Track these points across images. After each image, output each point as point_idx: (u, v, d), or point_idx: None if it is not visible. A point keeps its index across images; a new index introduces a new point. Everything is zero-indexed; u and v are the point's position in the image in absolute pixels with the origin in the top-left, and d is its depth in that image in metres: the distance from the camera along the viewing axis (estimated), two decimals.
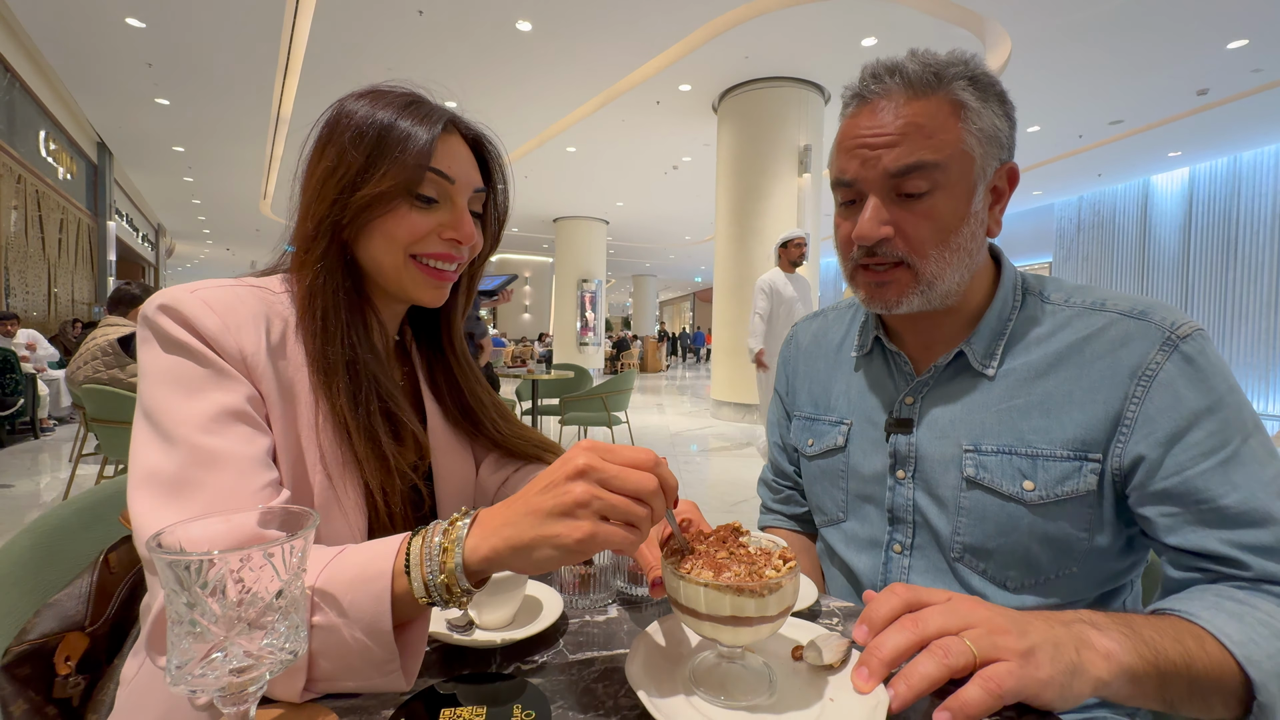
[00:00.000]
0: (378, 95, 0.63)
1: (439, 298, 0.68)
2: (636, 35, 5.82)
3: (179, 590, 0.35)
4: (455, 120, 0.66)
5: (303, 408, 0.59)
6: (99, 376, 2.77)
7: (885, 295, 0.67)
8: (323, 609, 0.45)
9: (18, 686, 0.65)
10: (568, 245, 14.47)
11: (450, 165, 0.63)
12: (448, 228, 0.64)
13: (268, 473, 0.53)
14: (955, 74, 0.62)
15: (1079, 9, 5.17)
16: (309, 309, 0.61)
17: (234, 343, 0.55)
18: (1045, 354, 0.66)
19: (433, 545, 0.45)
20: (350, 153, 0.60)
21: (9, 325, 5.77)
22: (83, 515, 0.81)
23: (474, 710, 0.46)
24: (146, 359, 0.55)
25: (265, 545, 0.36)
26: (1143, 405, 0.60)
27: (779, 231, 6.93)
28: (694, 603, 0.45)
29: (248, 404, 0.55)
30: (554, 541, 0.42)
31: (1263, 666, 0.48)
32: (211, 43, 6.09)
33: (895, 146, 0.61)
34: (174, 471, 0.49)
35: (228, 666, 0.36)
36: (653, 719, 0.45)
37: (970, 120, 0.62)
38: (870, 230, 0.63)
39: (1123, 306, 0.65)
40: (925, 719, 0.46)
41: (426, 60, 6.37)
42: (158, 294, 0.56)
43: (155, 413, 0.52)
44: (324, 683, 0.46)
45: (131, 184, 11.90)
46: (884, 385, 0.76)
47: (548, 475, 0.45)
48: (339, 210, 0.61)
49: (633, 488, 0.43)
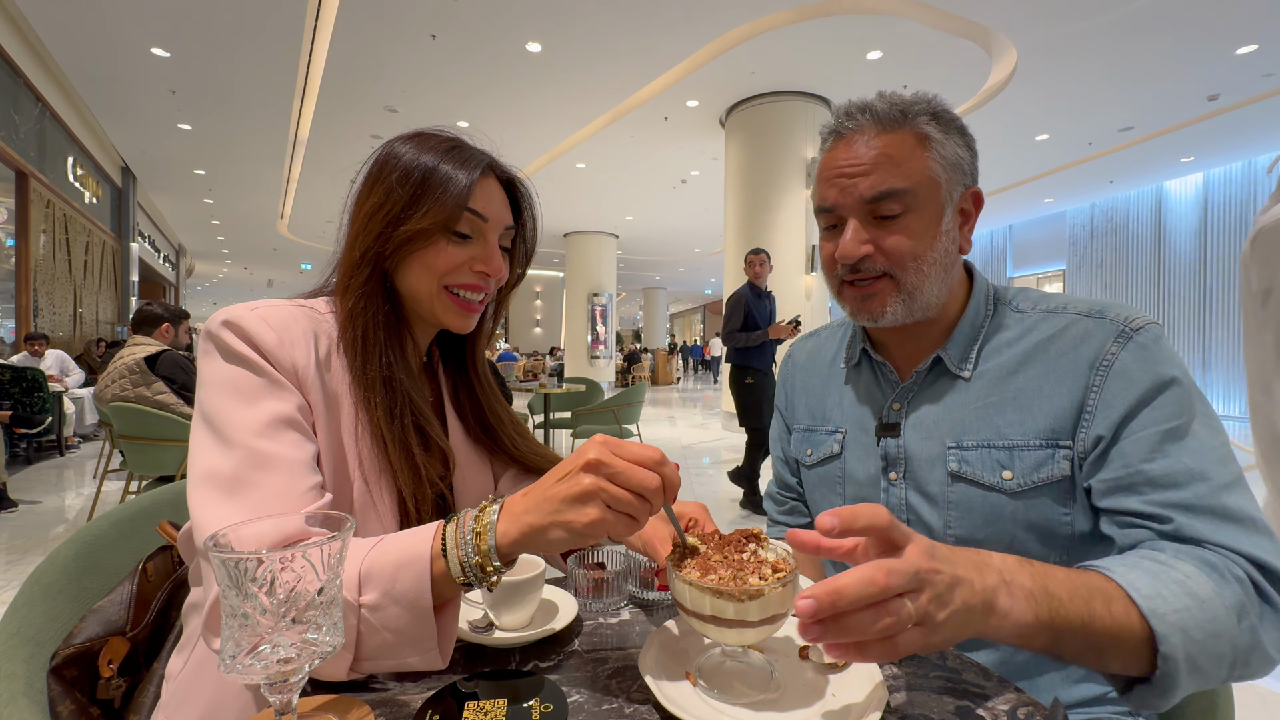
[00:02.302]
0: (424, 139, 0.69)
1: (467, 326, 0.74)
2: (644, 54, 5.92)
3: (231, 586, 0.39)
4: (493, 164, 0.72)
5: (344, 418, 0.65)
6: (126, 394, 2.85)
7: (871, 306, 0.73)
8: (370, 589, 0.50)
9: (65, 688, 0.69)
10: (578, 259, 14.59)
11: (485, 206, 0.69)
12: (479, 261, 0.70)
13: (314, 476, 0.58)
14: (919, 110, 0.70)
15: (1085, 17, 5.19)
16: (351, 329, 0.67)
17: (288, 356, 0.61)
18: (1015, 354, 0.72)
19: (466, 530, 0.51)
20: (397, 191, 0.66)
21: (38, 345, 5.94)
22: (120, 527, 0.85)
23: (496, 704, 0.49)
24: (207, 369, 0.60)
25: (306, 545, 0.40)
26: (1101, 393, 0.65)
27: (787, 244, 6.98)
28: (682, 598, 0.49)
29: (298, 413, 0.60)
30: (566, 526, 0.48)
31: (1166, 619, 0.49)
32: (232, 70, 6.29)
33: (869, 175, 0.68)
34: (231, 472, 0.54)
35: (275, 657, 0.40)
36: (664, 710, 0.47)
37: (934, 150, 0.69)
38: (852, 249, 0.70)
39: (1082, 308, 0.71)
40: (933, 697, 0.48)
41: (440, 82, 6.52)
42: (221, 311, 0.62)
43: (214, 417, 0.57)
44: (369, 662, 0.51)
45: (154, 206, 12.23)
46: (873, 394, 0.81)
47: (564, 466, 0.51)
48: (382, 243, 0.67)
49: (636, 483, 0.47)
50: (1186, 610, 0.50)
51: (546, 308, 18.32)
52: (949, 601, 0.43)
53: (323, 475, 0.61)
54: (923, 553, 0.43)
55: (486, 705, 0.49)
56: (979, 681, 0.53)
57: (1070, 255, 11.94)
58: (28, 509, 3.87)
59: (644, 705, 0.49)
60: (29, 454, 5.49)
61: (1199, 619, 0.50)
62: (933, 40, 5.62)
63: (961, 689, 0.52)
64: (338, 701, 0.48)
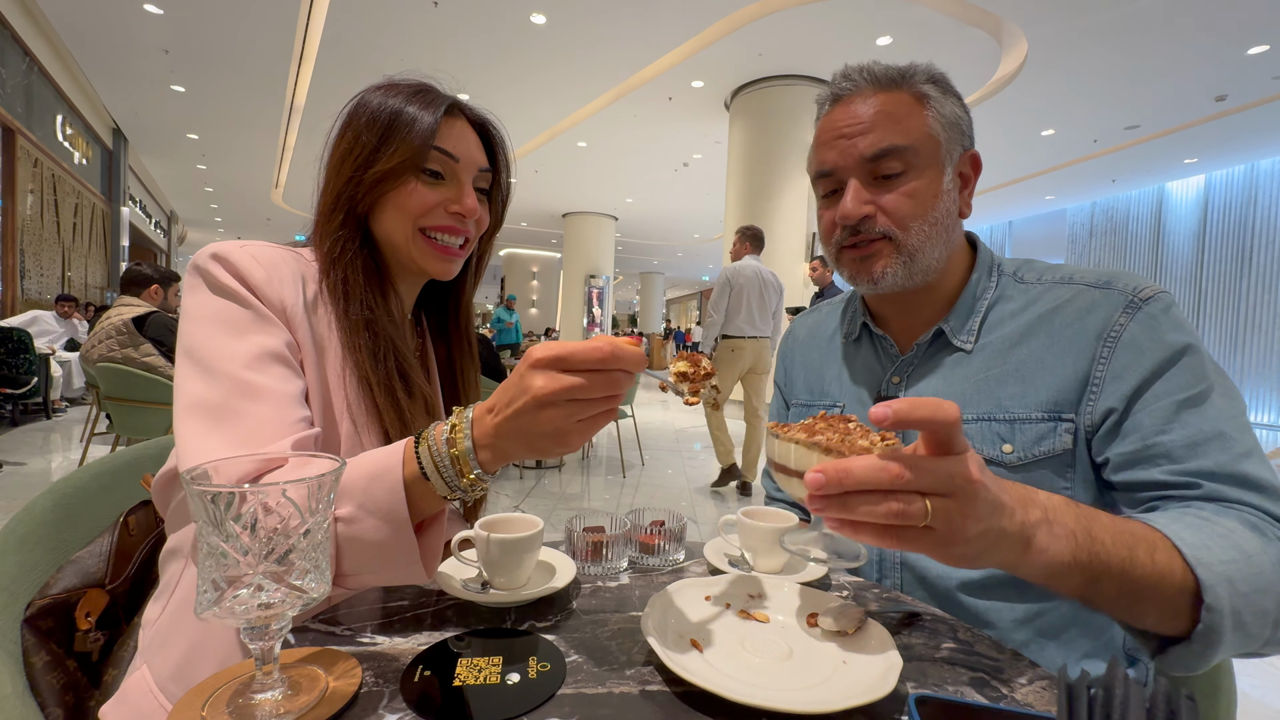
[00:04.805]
0: (391, 86, 0.70)
1: (448, 270, 0.73)
2: (651, 30, 5.81)
3: (209, 522, 0.36)
4: (460, 105, 0.72)
5: (331, 361, 0.65)
6: (113, 355, 2.80)
7: (871, 267, 0.71)
8: (344, 503, 0.49)
9: (40, 639, 0.66)
10: (576, 240, 14.48)
11: (454, 145, 0.69)
12: (452, 201, 0.69)
13: (302, 409, 0.57)
14: (916, 72, 0.70)
15: (1098, 11, 5.13)
16: (331, 273, 0.67)
17: (276, 294, 0.61)
18: (1018, 326, 0.70)
19: (439, 435, 0.48)
20: (365, 135, 0.66)
21: (66, 307, 5.80)
22: (102, 479, 0.82)
23: (490, 661, 0.47)
24: (193, 302, 0.59)
25: (291, 483, 0.37)
26: (1109, 364, 0.63)
27: (789, 230, 6.94)
28: (786, 460, 0.46)
29: (286, 349, 0.59)
30: (547, 453, 0.47)
31: (1213, 569, 0.48)
32: (228, 30, 6.12)
33: (869, 133, 0.67)
34: (219, 401, 0.53)
35: (255, 601, 0.37)
36: (668, 673, 0.45)
37: (934, 108, 0.68)
38: (854, 209, 0.68)
39: (1089, 279, 0.69)
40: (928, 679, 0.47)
41: (440, 51, 6.39)
42: (210, 245, 0.61)
43: (200, 349, 0.56)
44: (352, 578, 0.51)
45: (146, 170, 11.99)
46: (872, 367, 0.80)
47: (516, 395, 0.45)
48: (354, 187, 0.67)
49: (602, 392, 0.44)
50: (1233, 562, 0.48)
51: (543, 288, 18.19)
52: (982, 518, 0.41)
53: (311, 413, 0.60)
54: (972, 463, 0.40)
55: (480, 662, 0.47)
56: (992, 654, 0.52)
57: (1069, 253, 11.94)
58: (12, 470, 3.82)
59: (645, 667, 0.47)
60: (14, 416, 5.43)
61: (1246, 572, 0.48)
62: (944, 27, 5.54)
63: (975, 661, 0.50)
64: (323, 654, 0.46)
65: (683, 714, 0.41)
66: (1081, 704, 0.29)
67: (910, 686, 0.46)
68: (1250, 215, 8.93)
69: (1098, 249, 11.35)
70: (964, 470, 0.39)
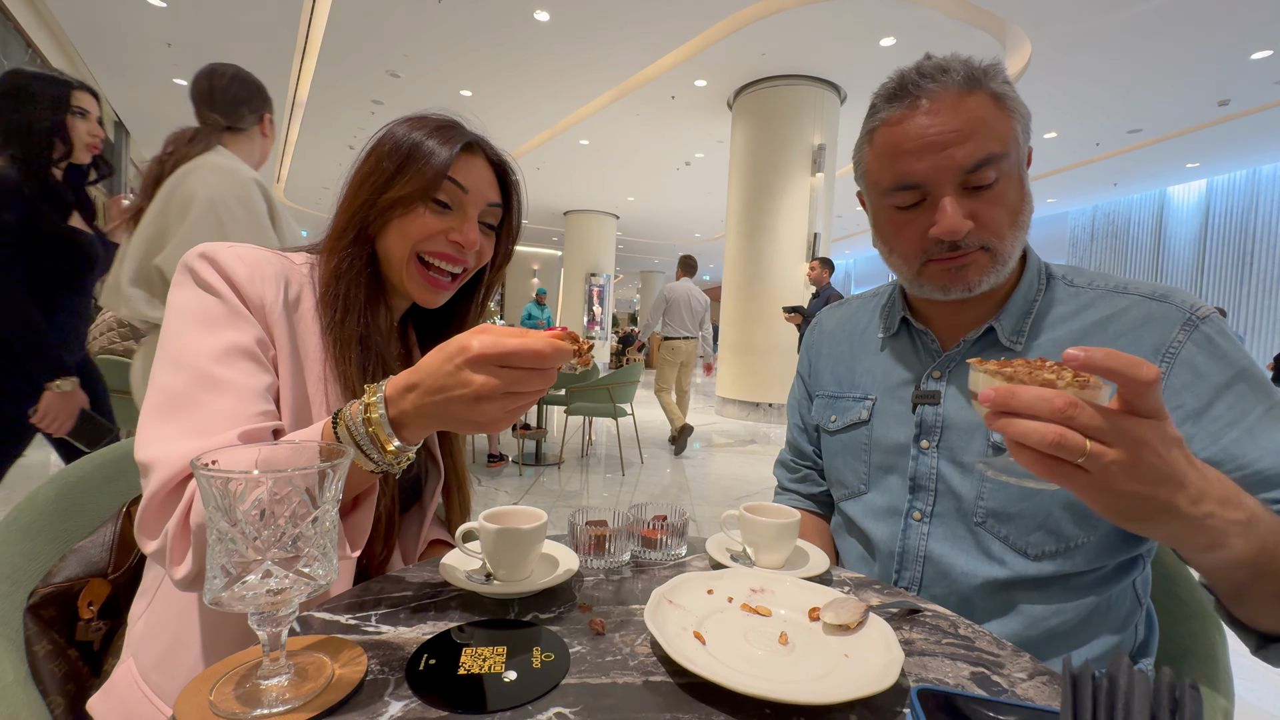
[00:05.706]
0: (420, 120, 0.73)
1: (432, 300, 0.75)
2: (654, 28, 5.80)
3: (218, 510, 0.36)
4: (480, 143, 0.74)
5: (311, 363, 0.67)
6: (114, 348, 2.79)
7: (967, 276, 0.68)
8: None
9: (42, 627, 0.67)
10: (577, 238, 14.47)
11: (465, 176, 0.71)
12: (454, 231, 0.71)
13: (264, 404, 0.59)
14: (989, 70, 0.66)
15: (1103, 13, 5.13)
16: (334, 285, 0.69)
17: (257, 292, 0.63)
18: (1070, 331, 0.70)
19: (355, 411, 0.52)
20: (385, 162, 0.69)
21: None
22: (105, 469, 0.82)
23: (494, 651, 0.47)
24: (177, 297, 0.61)
25: (301, 470, 0.37)
26: (1166, 381, 0.62)
27: (790, 230, 6.94)
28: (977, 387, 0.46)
29: (256, 345, 0.61)
30: (471, 432, 0.52)
31: None
32: (231, 24, 6.12)
33: (966, 142, 0.63)
34: (180, 390, 0.56)
35: (264, 588, 0.37)
36: (672, 664, 0.46)
37: (1012, 107, 0.66)
38: (958, 225, 0.64)
39: (1144, 290, 0.69)
40: None
41: (444, 47, 6.38)
42: (200, 245, 0.63)
43: (172, 341, 0.59)
44: None
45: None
46: (910, 362, 0.80)
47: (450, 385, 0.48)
48: (367, 208, 0.70)
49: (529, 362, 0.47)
50: None
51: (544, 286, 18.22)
52: (1144, 481, 0.41)
53: (279, 411, 0.62)
54: (1150, 429, 0.41)
55: (484, 652, 0.47)
56: (993, 650, 0.52)
57: (1070, 256, 11.95)
58: None
59: (649, 659, 0.47)
60: None
61: None
62: (948, 29, 5.54)
63: (976, 656, 0.51)
64: (329, 642, 0.46)
65: (685, 704, 0.42)
66: (1086, 693, 0.29)
67: (911, 681, 0.46)
68: (1251, 221, 8.94)
69: (1099, 252, 11.36)
70: (1136, 429, 0.40)
